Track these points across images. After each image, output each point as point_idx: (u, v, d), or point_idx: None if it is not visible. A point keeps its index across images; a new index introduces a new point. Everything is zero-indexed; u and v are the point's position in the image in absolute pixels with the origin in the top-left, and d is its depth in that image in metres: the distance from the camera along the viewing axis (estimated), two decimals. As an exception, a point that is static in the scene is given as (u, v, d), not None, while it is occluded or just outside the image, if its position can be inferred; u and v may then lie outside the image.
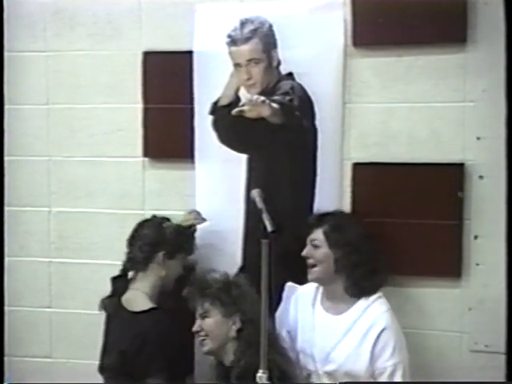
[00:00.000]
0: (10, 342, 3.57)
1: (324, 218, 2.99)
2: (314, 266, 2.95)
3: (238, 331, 2.86)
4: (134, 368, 2.93)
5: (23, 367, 3.55)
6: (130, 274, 3.12)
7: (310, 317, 2.99)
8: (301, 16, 3.15)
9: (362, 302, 2.91)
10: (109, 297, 3.08)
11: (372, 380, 2.85)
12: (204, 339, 2.91)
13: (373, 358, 2.83)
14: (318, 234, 2.95)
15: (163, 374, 2.92)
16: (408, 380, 2.84)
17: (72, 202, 3.49)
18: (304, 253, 2.96)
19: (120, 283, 3.09)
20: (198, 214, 3.23)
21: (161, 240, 3.06)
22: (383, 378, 2.82)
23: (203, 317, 2.90)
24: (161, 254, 3.05)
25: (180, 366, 3.01)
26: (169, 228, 3.09)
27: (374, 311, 2.89)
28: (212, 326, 2.89)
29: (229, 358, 2.86)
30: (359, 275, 2.90)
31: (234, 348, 2.85)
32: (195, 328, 2.92)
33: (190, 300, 2.93)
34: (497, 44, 2.95)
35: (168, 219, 3.14)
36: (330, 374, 2.89)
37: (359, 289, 2.91)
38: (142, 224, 3.13)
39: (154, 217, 3.15)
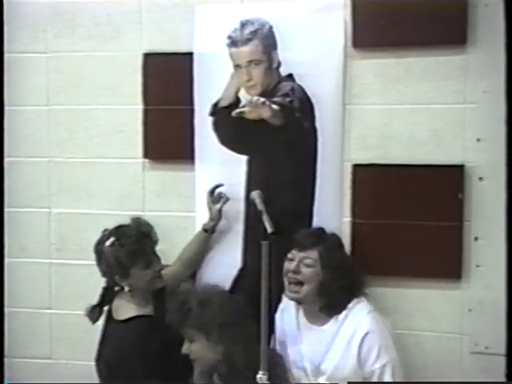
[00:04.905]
0: (10, 343, 3.57)
1: (319, 238, 2.95)
2: (300, 283, 2.90)
3: (225, 354, 2.78)
4: (118, 378, 2.91)
5: (23, 368, 3.55)
6: None
7: (295, 329, 2.97)
8: (301, 17, 3.15)
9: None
10: (94, 306, 3.06)
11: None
12: (194, 362, 2.86)
13: (360, 363, 2.82)
14: (312, 254, 2.90)
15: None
16: (400, 377, 2.83)
17: (72, 203, 3.49)
18: (293, 267, 2.90)
19: (108, 293, 3.07)
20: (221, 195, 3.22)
21: (106, 268, 2.99)
22: (380, 378, 2.81)
23: (190, 340, 2.84)
24: (117, 278, 2.99)
25: (169, 373, 2.92)
26: (106, 253, 2.97)
27: (355, 316, 2.87)
28: (199, 352, 2.83)
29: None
30: (339, 298, 2.89)
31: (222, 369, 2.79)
32: (184, 350, 2.85)
33: (174, 323, 2.85)
34: (497, 45, 2.95)
35: (120, 228, 3.03)
36: None
37: (334, 309, 2.89)
38: (94, 248, 3.04)
39: (105, 230, 3.04)
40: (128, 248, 2.96)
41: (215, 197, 3.23)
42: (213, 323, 2.78)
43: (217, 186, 3.23)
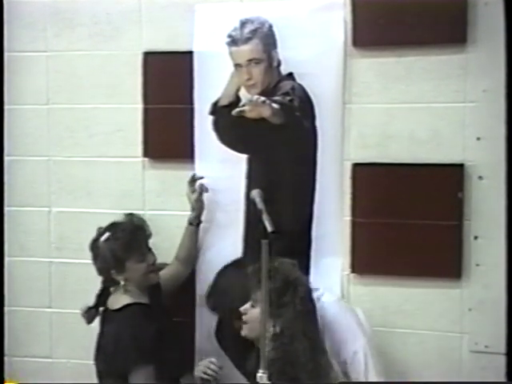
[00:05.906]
0: (10, 342, 3.57)
1: None
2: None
3: (275, 335, 2.66)
4: (115, 366, 2.92)
5: (23, 367, 3.55)
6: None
7: None
8: (301, 16, 3.15)
9: None
10: (89, 307, 3.08)
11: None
12: (244, 323, 2.80)
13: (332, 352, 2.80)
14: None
15: (145, 371, 2.88)
16: (372, 360, 2.82)
17: (72, 202, 3.49)
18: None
19: (103, 295, 3.09)
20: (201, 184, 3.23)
21: (102, 263, 3.02)
22: (353, 366, 2.80)
23: (252, 304, 2.78)
24: (113, 272, 3.02)
25: (166, 360, 2.94)
26: (102, 248, 3.01)
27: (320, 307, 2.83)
28: (253, 318, 2.74)
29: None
30: None
31: (268, 347, 2.60)
32: (241, 309, 2.80)
33: (250, 278, 2.76)
34: (497, 44, 2.95)
35: (114, 223, 3.06)
36: None
37: None
38: (90, 246, 3.07)
39: (99, 228, 3.07)
40: (123, 240, 3.00)
41: (194, 187, 3.23)
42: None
43: (195, 176, 3.24)
